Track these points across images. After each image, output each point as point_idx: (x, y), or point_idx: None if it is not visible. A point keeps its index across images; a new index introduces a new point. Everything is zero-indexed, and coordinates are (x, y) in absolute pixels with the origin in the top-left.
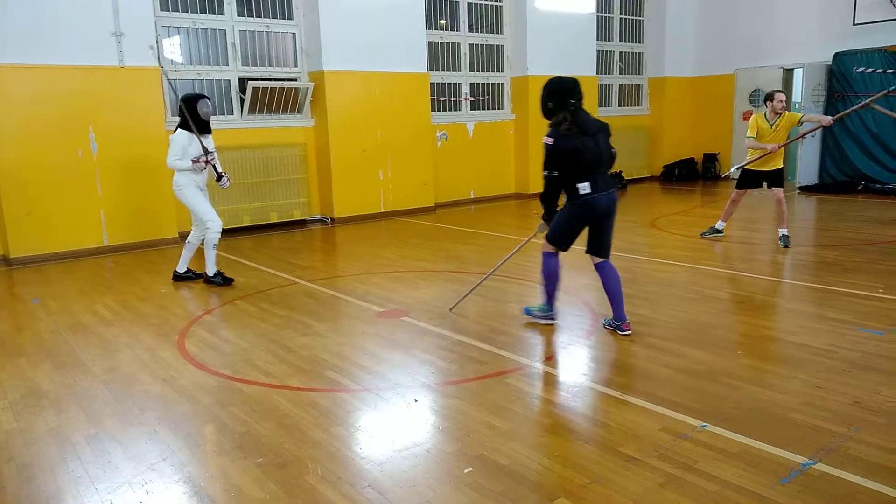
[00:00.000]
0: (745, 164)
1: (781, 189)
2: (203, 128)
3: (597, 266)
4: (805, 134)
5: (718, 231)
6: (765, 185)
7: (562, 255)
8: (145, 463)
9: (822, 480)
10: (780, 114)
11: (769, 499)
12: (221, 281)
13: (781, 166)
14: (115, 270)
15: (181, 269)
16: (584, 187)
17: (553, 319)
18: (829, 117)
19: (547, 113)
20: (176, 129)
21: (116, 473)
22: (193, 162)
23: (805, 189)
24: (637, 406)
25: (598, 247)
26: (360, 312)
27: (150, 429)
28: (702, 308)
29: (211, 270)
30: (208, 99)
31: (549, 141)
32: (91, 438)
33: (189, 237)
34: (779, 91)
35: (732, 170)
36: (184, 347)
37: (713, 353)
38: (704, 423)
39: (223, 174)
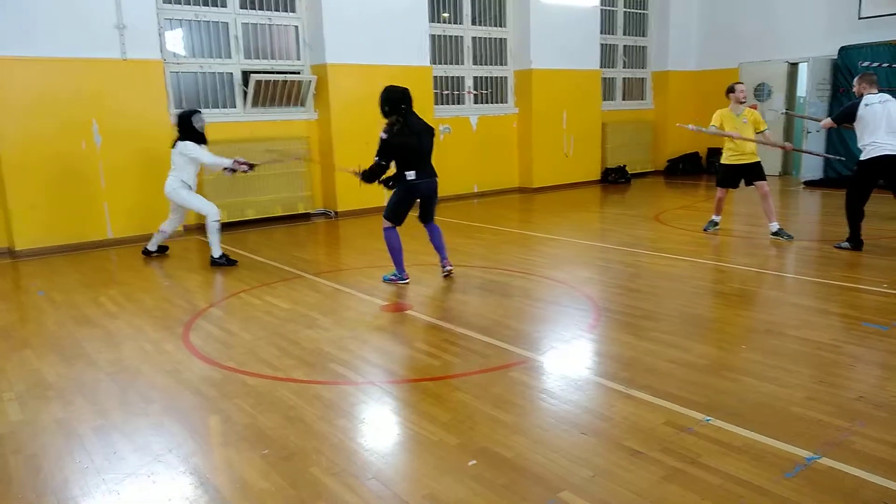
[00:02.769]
0: (704, 131)
1: (765, 182)
2: (200, 139)
3: (425, 226)
4: (767, 144)
5: (716, 224)
6: (743, 183)
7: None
8: (151, 454)
9: (826, 475)
10: (744, 103)
11: (773, 493)
12: (226, 262)
13: (758, 159)
14: (119, 263)
15: (151, 247)
16: (411, 175)
17: (405, 280)
18: (788, 144)
19: (384, 114)
20: (175, 142)
21: (122, 464)
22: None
23: (809, 184)
24: (641, 399)
25: (426, 216)
26: (364, 306)
27: (155, 420)
28: (705, 302)
29: (216, 253)
30: (200, 112)
31: (384, 136)
32: (97, 430)
33: (161, 225)
34: (738, 83)
35: (690, 126)
36: (188, 340)
37: (717, 347)
38: (708, 417)
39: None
